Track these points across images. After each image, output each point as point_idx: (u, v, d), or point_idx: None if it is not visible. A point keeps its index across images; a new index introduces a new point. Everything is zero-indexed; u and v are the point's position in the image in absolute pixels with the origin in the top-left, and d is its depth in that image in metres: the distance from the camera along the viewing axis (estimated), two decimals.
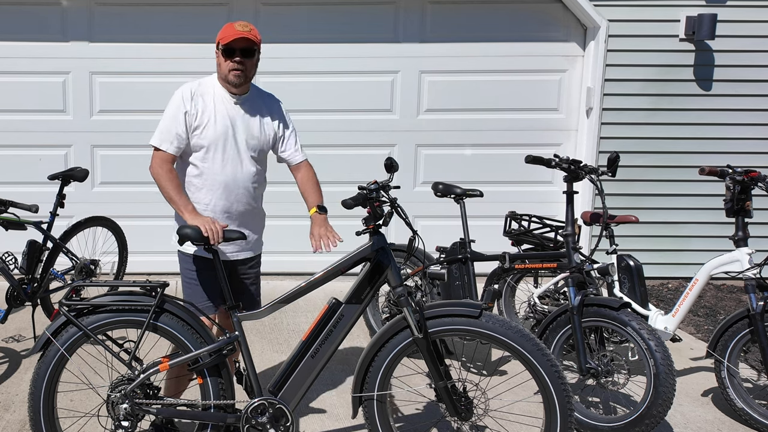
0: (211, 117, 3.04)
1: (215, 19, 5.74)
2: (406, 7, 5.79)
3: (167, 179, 3.00)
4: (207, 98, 3.06)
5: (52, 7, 5.68)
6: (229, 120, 3.07)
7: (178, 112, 3.01)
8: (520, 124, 5.96)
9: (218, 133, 3.04)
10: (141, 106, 5.79)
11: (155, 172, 3.02)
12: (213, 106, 3.05)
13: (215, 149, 3.05)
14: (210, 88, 3.09)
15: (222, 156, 3.06)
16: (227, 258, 3.15)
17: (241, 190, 3.12)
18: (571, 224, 3.59)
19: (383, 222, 2.87)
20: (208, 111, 3.04)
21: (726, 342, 3.54)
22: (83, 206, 5.67)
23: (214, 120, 3.04)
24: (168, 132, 3.01)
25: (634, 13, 5.71)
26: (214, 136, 3.04)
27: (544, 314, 4.02)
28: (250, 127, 3.13)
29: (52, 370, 2.84)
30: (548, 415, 2.73)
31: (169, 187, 3.00)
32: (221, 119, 3.05)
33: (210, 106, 3.05)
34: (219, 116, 3.05)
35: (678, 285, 5.93)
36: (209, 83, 3.12)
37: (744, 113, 5.85)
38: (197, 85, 3.09)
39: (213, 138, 3.04)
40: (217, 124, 3.04)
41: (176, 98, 3.05)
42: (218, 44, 3.05)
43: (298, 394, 2.89)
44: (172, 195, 3.00)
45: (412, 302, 2.80)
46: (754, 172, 3.55)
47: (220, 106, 3.07)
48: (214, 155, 3.06)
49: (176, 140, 3.01)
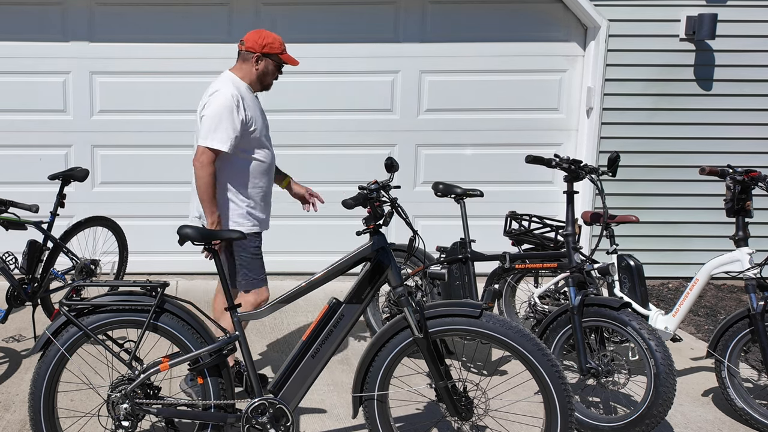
0: (255, 115, 3.46)
1: (215, 19, 5.74)
2: (407, 7, 5.79)
3: (211, 181, 3.34)
4: (247, 100, 3.44)
5: (53, 7, 5.68)
6: (261, 113, 3.55)
7: (235, 119, 3.35)
8: (520, 124, 5.96)
9: (261, 126, 3.51)
10: (141, 106, 5.80)
11: (205, 171, 3.32)
12: (252, 105, 3.47)
13: (263, 140, 3.51)
14: (243, 90, 3.47)
15: (266, 144, 3.54)
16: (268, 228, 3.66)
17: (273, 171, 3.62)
18: (572, 224, 3.59)
19: (383, 222, 2.87)
20: (250, 111, 3.44)
21: (726, 342, 3.54)
22: (83, 206, 5.67)
23: (258, 117, 3.48)
24: (229, 135, 3.33)
25: (634, 12, 5.71)
26: (261, 129, 3.49)
27: (544, 314, 4.02)
28: (265, 116, 3.60)
29: (53, 370, 2.84)
30: (549, 415, 2.73)
31: (211, 185, 3.34)
32: (259, 114, 3.52)
33: (250, 105, 3.45)
34: (257, 112, 3.51)
35: (678, 285, 5.93)
36: (239, 84, 3.48)
37: (744, 113, 5.84)
38: (235, 89, 3.41)
39: (260, 131, 3.48)
40: (258, 119, 3.49)
41: (229, 106, 3.34)
42: (268, 53, 3.47)
43: (298, 394, 2.89)
44: (210, 194, 3.35)
45: (413, 302, 2.80)
46: (754, 171, 3.55)
47: (254, 103, 3.51)
48: (263, 145, 3.51)
49: (235, 143, 3.36)
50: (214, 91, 3.44)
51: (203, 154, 3.33)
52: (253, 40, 3.50)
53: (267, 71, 3.53)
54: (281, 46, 3.52)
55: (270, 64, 3.52)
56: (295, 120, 5.81)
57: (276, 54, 3.51)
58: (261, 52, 3.48)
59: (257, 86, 3.55)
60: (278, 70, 3.56)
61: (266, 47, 3.48)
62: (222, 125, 3.33)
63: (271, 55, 3.50)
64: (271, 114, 5.79)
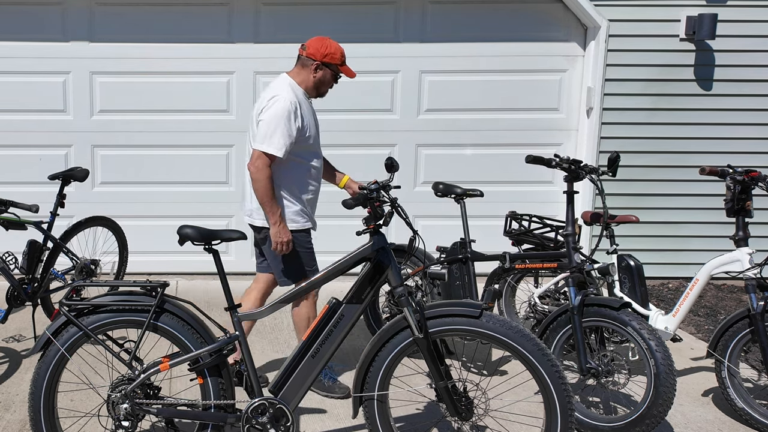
0: (311, 121, 3.56)
1: (215, 19, 5.74)
2: (407, 7, 5.79)
3: (268, 184, 3.42)
4: (303, 106, 3.52)
5: (53, 6, 5.68)
6: (314, 119, 3.64)
7: (292, 126, 3.42)
8: (520, 124, 5.95)
9: (315, 132, 3.61)
10: (141, 106, 5.80)
11: (262, 175, 3.40)
12: (307, 111, 3.55)
13: (316, 145, 3.62)
14: (300, 95, 3.54)
15: (317, 149, 3.64)
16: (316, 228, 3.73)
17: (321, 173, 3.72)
18: (572, 224, 3.59)
19: (383, 222, 2.87)
20: (306, 117, 3.52)
21: (726, 342, 3.54)
22: (83, 206, 5.67)
23: (312, 122, 3.57)
24: (284, 142, 3.41)
25: (634, 12, 5.71)
26: (314, 134, 3.59)
27: (544, 314, 4.02)
28: (317, 121, 3.69)
29: (53, 370, 2.85)
30: (549, 415, 2.73)
31: (269, 188, 3.41)
32: (313, 120, 3.60)
33: (306, 112, 3.53)
34: (312, 117, 3.59)
35: (678, 285, 5.93)
36: (296, 90, 3.54)
37: (744, 113, 5.84)
38: (293, 95, 3.48)
39: (314, 136, 3.59)
40: (313, 125, 3.59)
41: (287, 112, 3.41)
42: (329, 63, 3.53)
43: (298, 394, 2.89)
44: (271, 196, 3.42)
45: (413, 302, 2.80)
46: (754, 171, 3.55)
47: (309, 109, 3.59)
48: (315, 150, 3.61)
49: (289, 148, 3.43)
50: (273, 95, 3.47)
51: (259, 158, 3.40)
52: (315, 48, 3.53)
53: (324, 80, 3.58)
54: (342, 57, 3.57)
55: (328, 74, 3.56)
56: None
57: (335, 65, 3.55)
58: (321, 61, 3.52)
59: (313, 93, 3.61)
60: (335, 80, 3.61)
61: (327, 57, 3.52)
62: (278, 131, 3.39)
63: (330, 65, 3.54)
64: None
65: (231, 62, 5.79)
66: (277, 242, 3.47)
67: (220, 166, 5.91)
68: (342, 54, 3.58)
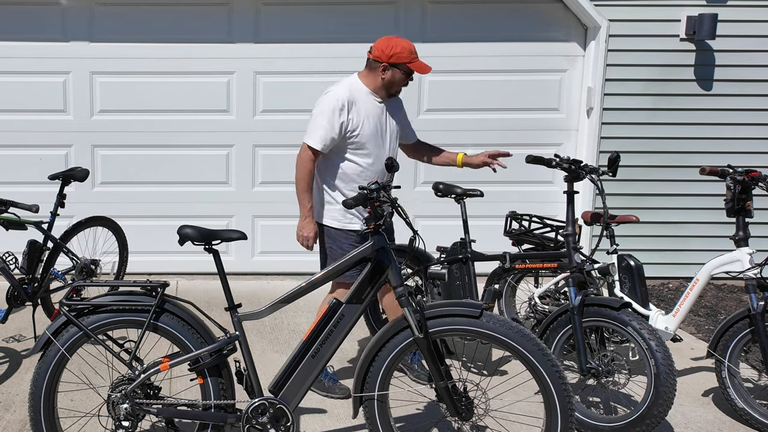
0: (365, 120, 3.51)
1: (215, 19, 5.74)
2: (407, 7, 5.79)
3: (308, 178, 3.51)
4: (360, 104, 3.51)
5: (53, 7, 5.68)
6: (378, 121, 3.56)
7: (335, 121, 3.44)
8: (520, 124, 5.95)
9: (371, 132, 3.53)
10: (141, 106, 5.80)
11: (302, 165, 3.50)
12: (365, 111, 3.52)
13: (370, 145, 3.54)
14: (360, 94, 3.53)
15: (374, 149, 3.55)
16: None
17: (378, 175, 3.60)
18: (572, 224, 3.59)
19: (383, 222, 2.87)
20: (361, 115, 3.50)
21: (727, 342, 3.54)
22: (83, 206, 5.66)
23: (368, 122, 3.52)
24: (325, 136, 3.46)
25: (634, 12, 5.71)
26: (368, 134, 3.52)
27: (544, 314, 4.02)
28: (390, 125, 3.63)
29: (53, 370, 2.84)
30: (549, 415, 2.73)
31: (307, 181, 3.51)
32: (373, 120, 3.54)
33: (363, 111, 3.51)
34: (371, 118, 3.53)
35: (678, 285, 5.92)
36: (358, 88, 3.54)
37: (745, 113, 5.84)
38: (347, 92, 3.49)
39: (368, 136, 3.52)
40: (370, 125, 3.53)
41: (332, 107, 3.45)
42: (396, 63, 3.47)
43: (298, 394, 2.89)
44: (303, 189, 3.52)
45: (413, 302, 2.80)
46: (754, 171, 3.55)
47: (371, 110, 3.54)
48: (369, 150, 3.54)
49: (330, 143, 3.48)
50: (326, 91, 3.55)
51: (303, 150, 3.51)
52: (380, 50, 3.50)
53: (393, 80, 3.53)
54: (410, 54, 3.50)
55: (397, 74, 3.52)
56: (294, 120, 5.80)
57: (404, 63, 3.49)
58: (388, 62, 3.48)
59: (383, 93, 3.57)
60: (408, 77, 3.55)
61: (393, 57, 3.47)
62: (321, 125, 3.45)
63: (398, 65, 3.49)
64: (271, 114, 5.88)
65: (231, 62, 5.79)
66: (299, 235, 3.60)
67: (220, 166, 5.91)
68: (410, 51, 3.50)
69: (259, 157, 5.90)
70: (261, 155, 5.90)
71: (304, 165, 3.50)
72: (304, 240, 3.59)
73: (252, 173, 5.92)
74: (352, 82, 3.58)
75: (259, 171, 5.92)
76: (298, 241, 3.62)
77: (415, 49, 3.53)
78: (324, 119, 3.45)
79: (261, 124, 5.86)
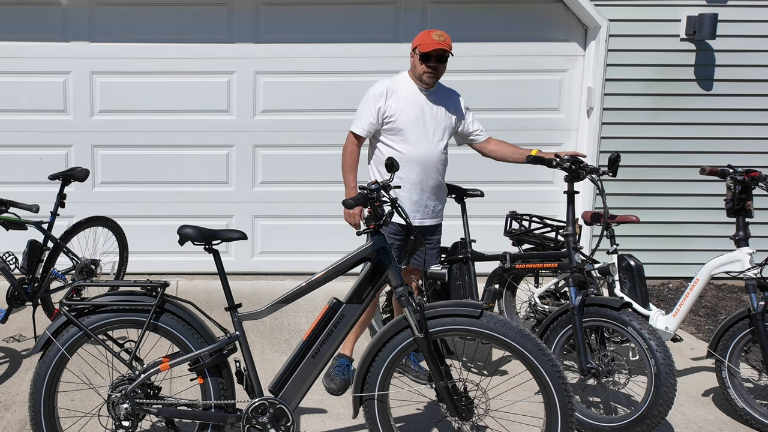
0: (404, 107, 3.66)
1: (215, 19, 5.74)
2: (407, 7, 5.78)
3: (352, 159, 3.75)
4: (400, 93, 3.68)
5: (53, 6, 5.68)
6: (419, 109, 3.68)
7: (374, 106, 3.67)
8: (520, 124, 5.95)
9: (410, 120, 3.66)
10: (141, 106, 5.80)
11: (346, 150, 3.77)
12: (405, 98, 3.67)
13: (409, 132, 3.66)
14: (403, 85, 3.71)
15: (414, 138, 3.67)
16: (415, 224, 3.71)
17: (432, 166, 3.72)
18: (572, 224, 3.59)
19: (384, 222, 2.87)
20: (400, 103, 3.67)
21: (727, 342, 3.54)
22: (84, 206, 5.67)
23: (407, 108, 3.66)
24: (364, 122, 3.71)
25: (634, 12, 5.71)
26: (407, 121, 3.66)
27: (544, 314, 4.02)
28: (436, 115, 3.73)
29: (53, 370, 2.84)
30: (549, 415, 2.73)
31: (350, 161, 3.75)
32: (413, 109, 3.67)
33: (402, 99, 3.67)
34: (411, 106, 3.67)
35: (679, 285, 5.92)
36: (402, 80, 3.74)
37: (745, 113, 5.84)
38: (390, 82, 3.71)
39: (406, 123, 3.66)
40: (409, 113, 3.66)
41: (372, 95, 3.69)
42: (415, 49, 3.64)
43: (298, 394, 2.89)
44: (348, 169, 3.74)
45: (413, 302, 2.80)
46: (755, 171, 3.55)
47: (412, 98, 3.69)
48: (408, 137, 3.67)
49: (368, 127, 3.71)
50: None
51: (348, 137, 3.78)
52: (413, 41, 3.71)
53: (415, 65, 3.69)
54: (421, 38, 3.64)
55: (416, 58, 3.66)
56: (294, 120, 5.81)
57: (416, 47, 3.65)
58: (412, 51, 3.69)
59: (419, 82, 3.70)
60: (426, 61, 3.62)
61: (414, 44, 3.68)
62: (363, 112, 3.71)
63: (414, 50, 3.67)
64: (271, 114, 5.88)
65: (231, 62, 5.79)
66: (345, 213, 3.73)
67: (220, 166, 5.91)
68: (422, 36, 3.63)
69: (259, 157, 5.90)
70: (261, 155, 5.90)
71: (347, 149, 3.76)
72: (350, 217, 3.71)
73: (252, 173, 5.92)
74: (401, 75, 3.78)
75: (259, 171, 5.92)
76: (346, 220, 3.74)
77: (438, 33, 3.61)
78: (365, 106, 3.70)
79: (261, 124, 5.86)
